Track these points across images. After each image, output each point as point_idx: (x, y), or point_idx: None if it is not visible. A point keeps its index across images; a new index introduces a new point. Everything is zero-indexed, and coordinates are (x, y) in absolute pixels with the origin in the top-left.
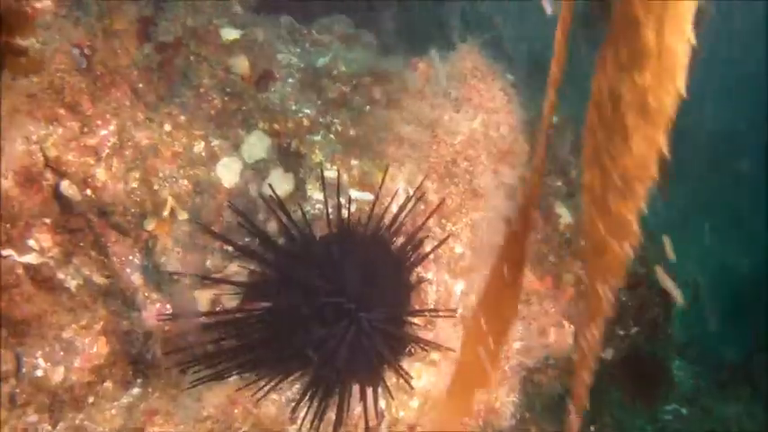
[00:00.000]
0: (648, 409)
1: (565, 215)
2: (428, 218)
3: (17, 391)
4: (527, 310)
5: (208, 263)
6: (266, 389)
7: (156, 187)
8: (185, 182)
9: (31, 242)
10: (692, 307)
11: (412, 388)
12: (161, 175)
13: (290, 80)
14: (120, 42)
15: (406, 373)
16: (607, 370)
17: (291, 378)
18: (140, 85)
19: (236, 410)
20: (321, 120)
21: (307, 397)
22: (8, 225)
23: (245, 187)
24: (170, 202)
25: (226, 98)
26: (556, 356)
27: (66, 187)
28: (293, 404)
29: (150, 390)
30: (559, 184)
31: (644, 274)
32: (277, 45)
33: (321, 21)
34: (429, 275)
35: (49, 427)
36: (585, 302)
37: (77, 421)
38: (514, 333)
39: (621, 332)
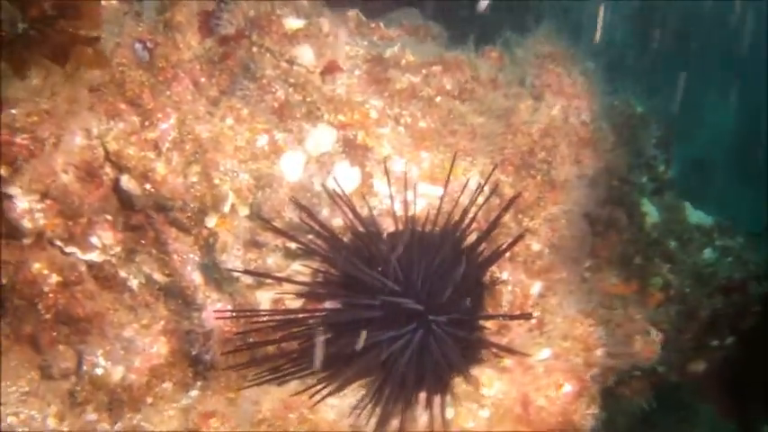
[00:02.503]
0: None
1: (652, 213)
2: (503, 212)
3: (77, 388)
4: (610, 315)
5: (270, 261)
6: (324, 393)
7: (216, 181)
8: (247, 176)
9: (94, 239)
10: None
11: (482, 396)
12: (222, 169)
13: (357, 72)
14: (181, 36)
15: (476, 380)
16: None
17: (354, 383)
18: (202, 79)
19: (291, 415)
20: (389, 111)
21: (370, 403)
22: (70, 222)
23: (309, 181)
24: (231, 197)
25: (290, 89)
26: (641, 367)
27: (127, 182)
28: (353, 410)
29: (209, 393)
30: (644, 180)
31: (741, 280)
32: (343, 36)
33: (389, 15)
34: (504, 275)
35: (108, 426)
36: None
37: (135, 421)
38: (596, 339)
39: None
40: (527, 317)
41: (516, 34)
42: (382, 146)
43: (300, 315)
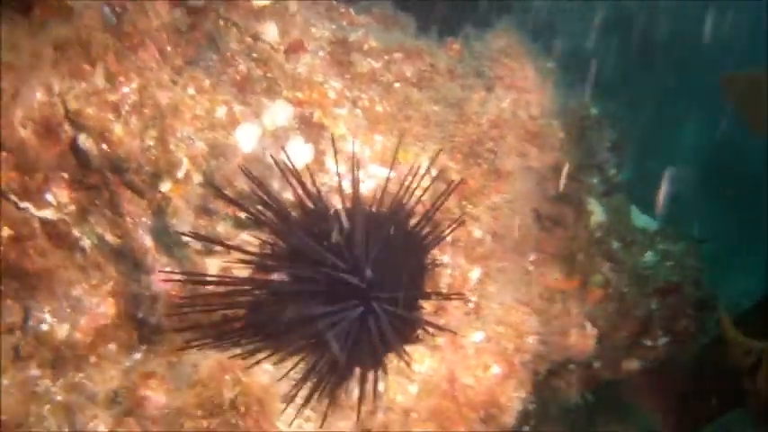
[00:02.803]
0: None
1: (598, 212)
2: (446, 196)
3: (22, 343)
4: (548, 306)
5: (219, 229)
6: (258, 357)
7: (172, 147)
8: (202, 144)
9: (49, 197)
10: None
11: (412, 372)
12: (179, 135)
13: (321, 53)
14: (151, 4)
15: (409, 356)
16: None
17: (291, 352)
18: (168, 48)
19: (226, 377)
20: (348, 93)
21: (305, 372)
22: (26, 177)
23: (263, 154)
24: (186, 163)
25: (252, 64)
26: (576, 360)
27: (84, 140)
28: (287, 377)
29: (152, 356)
30: (595, 181)
31: (678, 283)
32: (311, 18)
33: (361, 2)
34: (444, 259)
35: (49, 383)
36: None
37: (77, 379)
38: (529, 326)
39: (649, 342)
40: (463, 297)
41: (478, 29)
42: (338, 126)
43: (246, 284)
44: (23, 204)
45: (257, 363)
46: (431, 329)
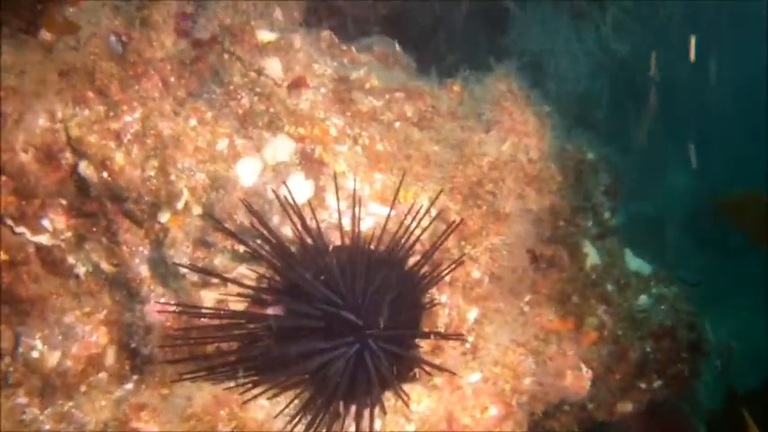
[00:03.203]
0: None
1: (593, 255)
2: (446, 237)
3: (11, 369)
4: (543, 347)
5: (216, 261)
6: (254, 392)
7: (172, 178)
8: (203, 176)
9: (46, 222)
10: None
11: (410, 411)
12: (179, 166)
13: (323, 89)
14: (156, 35)
15: (407, 395)
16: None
17: (287, 388)
18: (172, 79)
19: (221, 411)
20: (349, 131)
21: (301, 410)
22: (24, 202)
23: (263, 188)
24: (185, 194)
25: (255, 98)
26: (571, 402)
27: (85, 168)
28: (283, 412)
29: (144, 386)
30: (590, 224)
31: (672, 326)
32: (314, 55)
33: (363, 40)
34: (443, 298)
35: (37, 411)
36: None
37: (66, 408)
38: (526, 368)
39: (643, 385)
40: (461, 337)
41: (479, 72)
42: (338, 163)
43: (242, 318)
44: (19, 229)
45: (254, 398)
46: (428, 369)
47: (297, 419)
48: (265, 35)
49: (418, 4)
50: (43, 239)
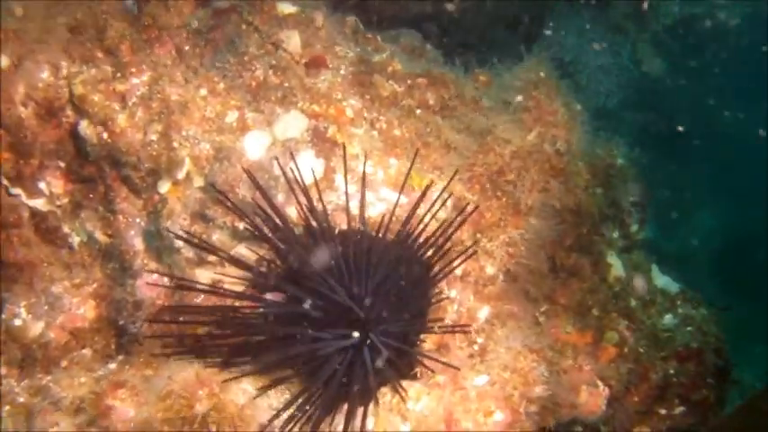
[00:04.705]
0: None
1: (617, 266)
2: (459, 225)
3: None
4: (558, 359)
5: (215, 238)
6: (235, 372)
7: (175, 144)
8: (207, 146)
9: (42, 185)
10: None
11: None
12: (184, 133)
13: (342, 71)
14: (175, 2)
15: (404, 390)
16: None
17: (277, 379)
18: (186, 48)
19: (200, 391)
20: (366, 114)
21: (288, 403)
22: (21, 161)
23: (270, 163)
24: (187, 163)
25: (270, 71)
26: (584, 421)
27: (85, 127)
28: (269, 406)
29: (128, 367)
30: (616, 235)
31: (698, 349)
32: (337, 38)
33: (388, 32)
34: (452, 293)
35: (14, 383)
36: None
37: (44, 382)
38: (537, 376)
39: (664, 411)
40: (465, 330)
41: (507, 62)
42: (352, 145)
43: (237, 299)
44: (15, 190)
45: (235, 378)
46: (430, 365)
47: (282, 411)
48: (286, 7)
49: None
50: (39, 204)
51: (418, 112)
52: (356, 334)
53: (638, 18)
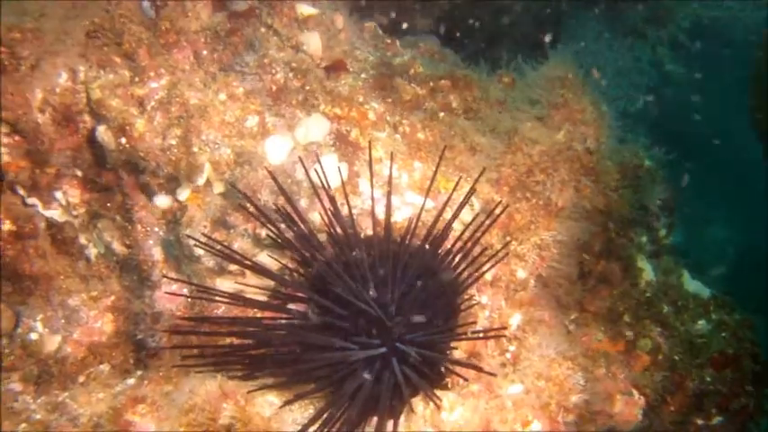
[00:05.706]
0: None
1: (648, 271)
2: (488, 228)
3: (6, 351)
4: (592, 367)
5: (236, 246)
6: (260, 383)
7: (195, 149)
8: (228, 151)
9: (59, 195)
10: None
11: (441, 420)
12: (203, 138)
13: (363, 75)
14: (192, 5)
15: (438, 399)
16: None
17: (303, 393)
18: (204, 52)
19: (224, 404)
20: (389, 118)
21: (316, 416)
22: (37, 170)
23: (292, 168)
24: (207, 169)
25: (290, 74)
26: (621, 431)
27: (103, 132)
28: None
29: (146, 382)
30: (644, 239)
31: (735, 355)
32: (356, 41)
33: (407, 37)
34: (483, 299)
35: (30, 399)
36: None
37: (60, 398)
38: (574, 384)
39: (701, 421)
40: (501, 334)
41: (531, 62)
42: (375, 148)
43: (260, 308)
44: (31, 200)
45: (259, 390)
46: (463, 373)
47: (309, 425)
48: (306, 9)
49: (464, 17)
50: (55, 215)
51: (441, 114)
52: (383, 344)
53: (657, 21)
